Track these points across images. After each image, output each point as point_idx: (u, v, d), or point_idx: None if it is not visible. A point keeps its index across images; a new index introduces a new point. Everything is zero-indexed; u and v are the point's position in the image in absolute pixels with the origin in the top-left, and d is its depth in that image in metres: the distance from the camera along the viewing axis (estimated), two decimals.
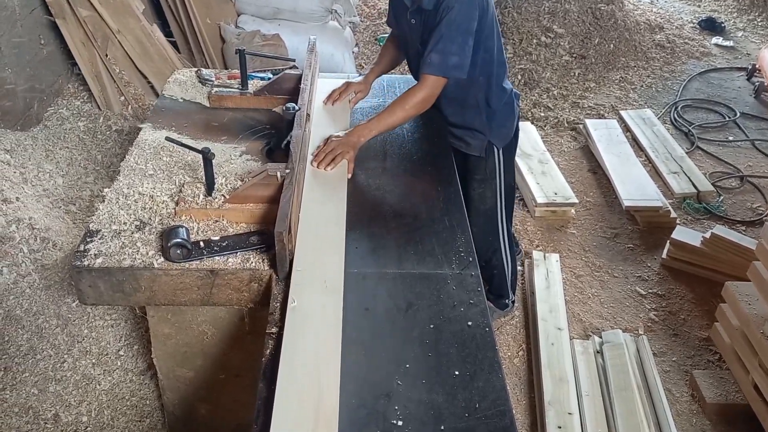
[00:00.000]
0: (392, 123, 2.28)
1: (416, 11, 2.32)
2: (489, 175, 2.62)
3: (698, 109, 4.99)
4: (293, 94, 2.45)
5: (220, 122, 2.40)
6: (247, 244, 1.82)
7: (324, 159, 2.14)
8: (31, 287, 2.34)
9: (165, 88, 2.58)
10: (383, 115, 2.27)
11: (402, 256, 1.85)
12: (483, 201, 2.67)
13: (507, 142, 2.62)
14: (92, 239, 1.80)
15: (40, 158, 3.31)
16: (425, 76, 2.25)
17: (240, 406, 2.12)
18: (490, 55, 2.40)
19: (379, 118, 2.27)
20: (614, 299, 3.22)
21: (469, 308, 1.68)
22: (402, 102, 2.27)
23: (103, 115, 3.95)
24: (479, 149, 2.57)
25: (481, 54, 2.34)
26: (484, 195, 2.66)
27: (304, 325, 1.57)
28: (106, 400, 2.33)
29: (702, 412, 2.66)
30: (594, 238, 3.63)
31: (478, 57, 2.31)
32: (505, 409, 1.41)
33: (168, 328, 1.98)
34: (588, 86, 5.15)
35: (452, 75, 2.25)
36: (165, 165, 2.10)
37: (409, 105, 2.26)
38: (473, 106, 2.50)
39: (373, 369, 1.50)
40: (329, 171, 2.13)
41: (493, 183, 2.65)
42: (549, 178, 3.90)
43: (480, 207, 2.68)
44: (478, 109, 2.50)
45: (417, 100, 2.25)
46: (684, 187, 3.99)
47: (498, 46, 2.42)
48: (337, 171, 2.14)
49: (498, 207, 2.70)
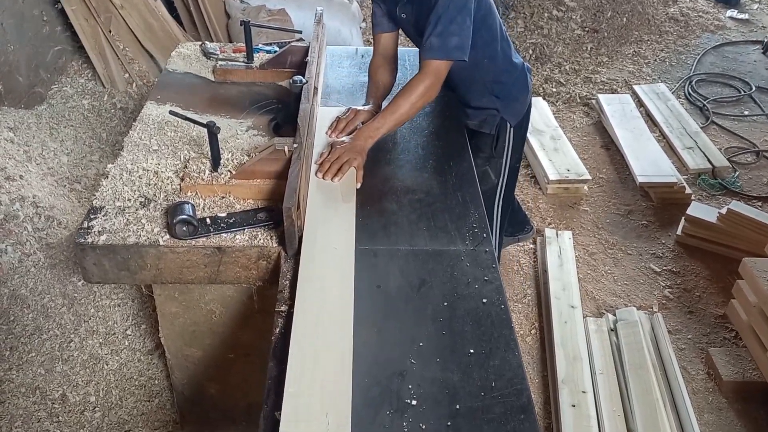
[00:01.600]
0: (400, 119, 2.10)
1: (407, 3, 2.19)
2: (496, 154, 2.48)
3: (713, 84, 4.89)
4: (300, 67, 2.39)
5: (226, 96, 2.34)
6: (255, 220, 1.78)
7: (330, 169, 1.94)
8: (36, 266, 2.31)
9: (169, 62, 2.52)
10: (389, 112, 2.09)
11: (414, 233, 1.80)
12: (484, 181, 2.46)
13: (520, 119, 2.50)
14: (96, 216, 1.76)
15: (45, 136, 3.26)
16: (427, 63, 2.09)
17: (250, 385, 2.09)
18: (493, 34, 2.26)
19: (385, 115, 2.09)
20: (628, 277, 3.16)
21: (483, 285, 1.63)
22: (407, 94, 2.09)
23: (107, 92, 3.89)
24: (490, 126, 2.44)
25: (482, 33, 2.20)
26: (486, 174, 2.50)
27: (316, 304, 1.53)
28: (114, 380, 2.31)
29: (718, 390, 2.61)
30: (607, 215, 3.56)
31: (478, 37, 2.16)
32: (522, 387, 1.37)
33: (175, 307, 1.94)
34: (600, 61, 5.05)
35: (454, 57, 2.09)
36: (169, 140, 2.05)
37: (415, 96, 2.08)
38: (481, 88, 2.38)
39: (385, 347, 1.46)
40: (336, 182, 1.93)
41: (499, 162, 2.51)
42: (561, 154, 3.84)
43: (480, 187, 2.54)
44: (486, 90, 2.38)
45: (422, 89, 2.09)
46: (699, 163, 3.92)
47: (498, 22, 2.29)
48: (345, 180, 1.94)
49: (498, 189, 2.56)
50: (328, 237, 1.73)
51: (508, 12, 5.27)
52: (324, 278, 1.60)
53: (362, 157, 1.99)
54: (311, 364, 1.38)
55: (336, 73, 2.59)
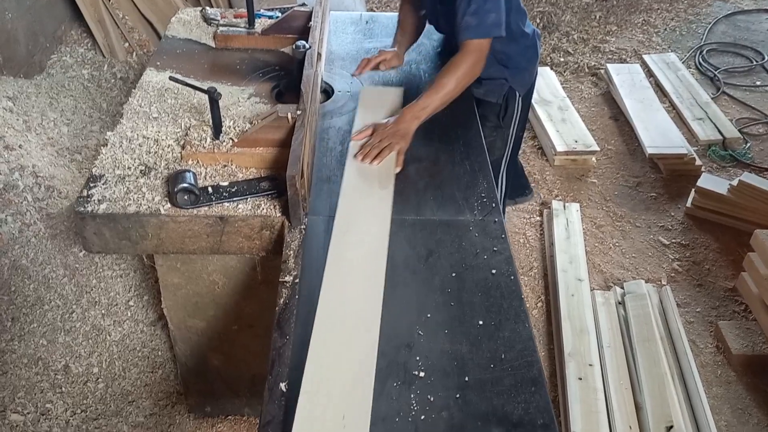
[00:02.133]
0: (446, 97, 1.99)
1: None
2: (504, 124, 2.41)
3: (724, 53, 4.79)
4: (303, 32, 2.33)
5: (227, 63, 2.28)
6: (258, 189, 1.73)
7: (369, 152, 1.86)
8: (36, 236, 2.27)
9: (168, 28, 2.46)
10: (433, 90, 1.98)
11: (421, 203, 1.76)
12: (492, 151, 2.36)
13: (528, 87, 2.44)
14: (95, 184, 1.72)
15: (44, 106, 3.21)
16: (466, 43, 2.00)
17: (254, 356, 2.07)
18: (508, 5, 2.14)
19: (430, 94, 1.98)
20: (636, 249, 3.12)
21: (492, 256, 1.59)
22: (451, 72, 1.99)
23: (107, 62, 3.83)
24: (497, 95, 2.35)
25: None
26: (493, 144, 2.42)
27: (344, 278, 1.49)
28: (117, 351, 2.29)
29: (727, 363, 2.58)
30: (615, 187, 3.51)
31: None
32: (533, 360, 1.33)
33: (178, 278, 1.91)
34: (609, 30, 4.95)
35: (494, 34, 2.01)
36: (170, 107, 2.00)
37: (461, 74, 1.99)
38: (489, 58, 2.23)
39: (392, 318, 1.42)
40: (375, 165, 1.85)
41: (506, 132, 2.43)
42: (569, 125, 3.77)
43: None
44: (494, 60, 2.27)
45: (466, 68, 2.00)
46: (709, 134, 3.85)
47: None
48: (384, 163, 1.86)
49: (504, 159, 2.51)
50: (362, 224, 1.66)
51: None
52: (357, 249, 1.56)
53: (406, 141, 1.90)
54: (336, 343, 1.34)
55: (340, 40, 2.53)
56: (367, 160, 1.85)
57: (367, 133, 1.95)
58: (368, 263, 1.55)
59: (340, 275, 1.51)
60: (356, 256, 1.57)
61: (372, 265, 1.54)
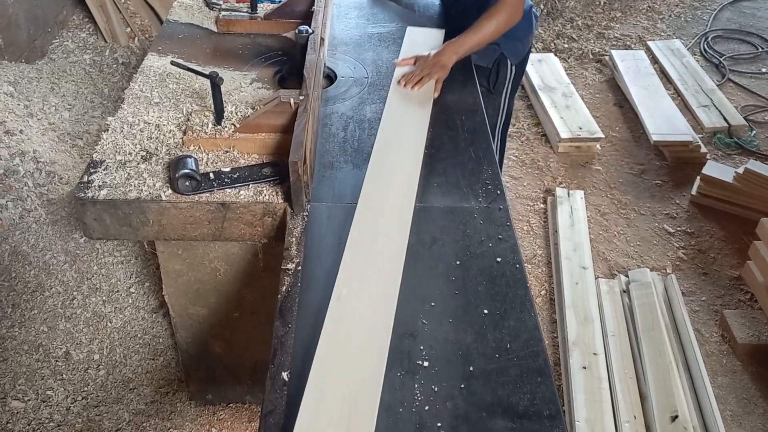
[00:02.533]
0: (483, 39, 2.13)
1: None
2: (495, 90, 2.46)
3: (730, 40, 4.75)
4: (305, 17, 2.29)
5: (229, 48, 2.25)
6: (260, 175, 1.71)
7: (412, 79, 2.07)
8: (37, 222, 2.26)
9: (170, 12, 2.43)
10: (472, 31, 2.12)
11: (425, 189, 1.73)
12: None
13: (521, 58, 2.45)
14: (96, 170, 1.70)
15: (46, 91, 3.18)
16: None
17: (255, 344, 2.06)
18: None
19: (469, 35, 2.12)
20: (641, 237, 3.10)
21: (497, 243, 1.57)
22: (491, 17, 2.11)
23: (109, 47, 3.79)
24: (488, 60, 2.39)
25: None
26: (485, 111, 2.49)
27: (361, 266, 1.47)
28: (118, 337, 2.27)
29: (732, 352, 2.57)
30: (620, 174, 3.48)
31: None
32: (538, 349, 1.32)
33: (179, 265, 1.90)
34: (614, 16, 4.91)
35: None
36: (171, 92, 1.97)
37: (501, 19, 2.11)
38: None
39: (397, 307, 1.40)
40: (416, 90, 2.07)
41: (497, 100, 2.48)
42: (573, 112, 3.74)
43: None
44: None
45: (505, 15, 2.12)
46: (714, 121, 3.82)
47: None
48: (424, 89, 2.08)
49: (497, 128, 2.55)
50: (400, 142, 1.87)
51: None
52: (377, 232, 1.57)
53: (444, 72, 2.09)
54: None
55: (343, 24, 2.50)
56: (410, 85, 2.07)
57: (410, 62, 2.17)
58: (390, 243, 1.54)
59: (359, 259, 1.49)
60: (383, 224, 1.60)
61: (393, 247, 1.53)
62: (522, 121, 3.86)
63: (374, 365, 1.25)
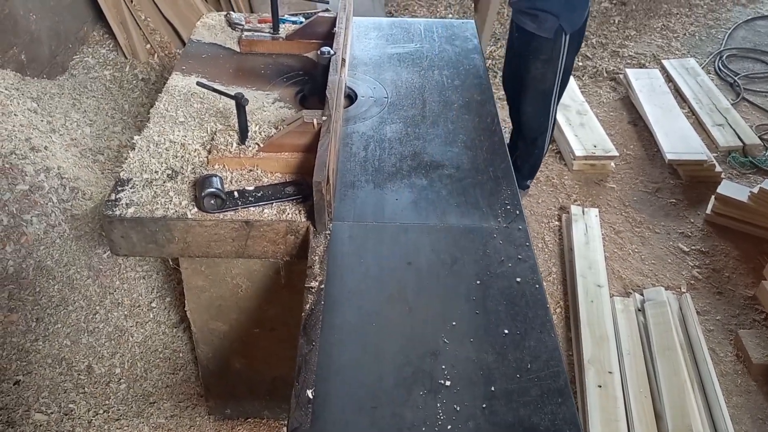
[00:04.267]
0: None
1: None
2: (554, 57, 2.75)
3: (744, 59, 4.77)
4: (327, 38, 2.34)
5: (251, 68, 2.30)
6: (283, 194, 1.74)
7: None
8: (61, 237, 2.30)
9: (194, 32, 2.48)
10: None
11: (445, 209, 1.76)
12: (543, 81, 2.83)
13: (576, 29, 2.74)
14: (123, 188, 1.74)
15: (67, 107, 3.24)
16: None
17: (275, 360, 2.08)
18: None
19: None
20: (655, 256, 3.11)
21: (517, 264, 1.59)
22: None
23: (129, 63, 3.85)
24: (549, 31, 2.68)
25: None
26: (545, 75, 2.81)
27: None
28: (139, 352, 2.31)
29: (747, 372, 2.57)
30: (634, 193, 3.50)
31: None
32: (559, 370, 1.34)
33: (202, 281, 1.93)
34: (628, 34, 4.94)
35: None
36: (196, 112, 2.02)
37: None
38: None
39: (417, 326, 1.43)
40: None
41: (556, 64, 2.77)
42: (588, 129, 3.76)
43: (539, 86, 2.86)
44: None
45: None
46: (729, 140, 3.83)
47: None
48: None
49: (554, 88, 2.86)
50: None
51: None
52: None
53: None
54: None
55: (363, 45, 2.54)
56: None
57: None
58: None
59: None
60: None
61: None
62: None
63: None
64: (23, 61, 3.30)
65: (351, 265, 1.58)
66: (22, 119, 2.61)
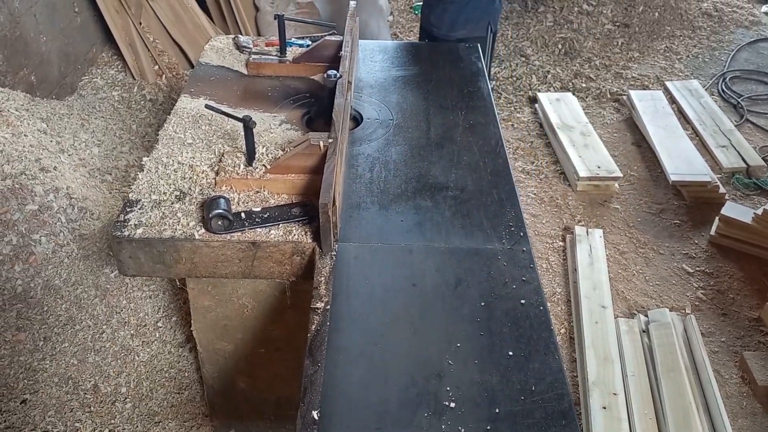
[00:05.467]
0: None
1: None
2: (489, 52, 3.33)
3: (748, 81, 4.80)
4: (333, 61, 2.37)
5: (259, 90, 2.33)
6: (290, 215, 1.76)
7: None
8: (69, 257, 2.32)
9: (202, 55, 2.52)
10: None
11: (449, 230, 1.78)
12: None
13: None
14: (132, 209, 1.76)
15: (76, 127, 3.28)
16: None
17: (280, 380, 2.09)
18: None
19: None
20: (660, 277, 3.11)
21: (521, 285, 1.60)
22: None
23: (137, 84, 3.91)
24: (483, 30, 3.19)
25: None
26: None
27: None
28: (145, 371, 2.32)
29: (753, 394, 2.56)
30: (638, 214, 3.51)
31: None
32: (563, 392, 1.34)
33: (208, 301, 1.94)
34: (631, 56, 4.98)
35: None
36: (204, 134, 2.05)
37: None
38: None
39: (422, 347, 1.44)
40: None
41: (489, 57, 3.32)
42: (591, 150, 3.79)
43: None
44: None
45: None
46: (733, 162, 3.84)
47: None
48: None
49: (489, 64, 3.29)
50: None
51: (537, 6, 5.21)
52: None
53: None
54: None
55: (368, 68, 2.57)
56: None
57: None
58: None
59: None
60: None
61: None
62: (540, 159, 3.91)
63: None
64: (33, 82, 3.35)
65: (356, 287, 1.60)
66: (32, 139, 2.65)
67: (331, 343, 1.45)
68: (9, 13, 3.14)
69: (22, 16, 3.24)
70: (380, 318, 1.52)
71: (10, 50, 3.16)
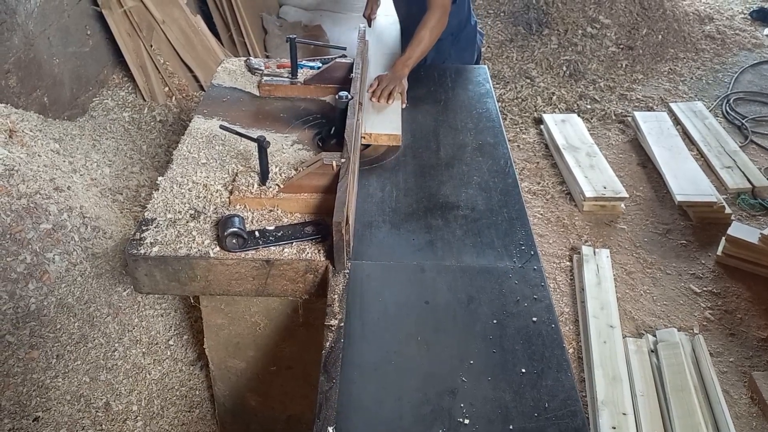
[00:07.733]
0: (425, 48, 2.54)
1: None
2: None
3: (751, 102, 4.83)
4: (343, 82, 2.41)
5: (270, 111, 2.37)
6: (303, 234, 1.79)
7: (382, 94, 2.43)
8: (82, 275, 2.34)
9: (214, 76, 2.56)
10: (414, 45, 2.52)
11: (461, 249, 1.80)
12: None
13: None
14: (147, 228, 1.79)
15: (88, 148, 3.32)
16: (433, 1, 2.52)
17: (291, 398, 2.10)
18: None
19: (412, 47, 2.52)
20: (667, 297, 3.12)
21: (533, 303, 1.62)
22: (423, 28, 2.51)
23: (147, 105, 3.95)
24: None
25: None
26: None
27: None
28: (156, 389, 2.33)
29: (762, 415, 2.56)
30: (645, 234, 3.53)
31: None
32: (576, 409, 1.36)
33: (221, 319, 1.96)
34: (636, 78, 5.03)
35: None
36: (218, 154, 2.08)
37: (431, 27, 2.52)
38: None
39: (435, 364, 1.46)
40: (390, 103, 2.42)
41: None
42: (597, 171, 3.81)
43: None
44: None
45: (435, 21, 2.52)
46: (738, 182, 3.87)
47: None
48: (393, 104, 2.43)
49: None
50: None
51: (541, 29, 5.27)
52: None
53: (402, 84, 2.47)
54: None
55: None
56: (382, 100, 2.43)
57: (374, 85, 2.47)
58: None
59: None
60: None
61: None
62: (546, 179, 3.94)
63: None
64: (46, 103, 3.40)
65: (369, 304, 1.62)
66: (45, 159, 2.68)
67: (345, 359, 1.46)
68: (24, 36, 3.20)
69: (36, 39, 3.30)
70: (393, 335, 1.53)
71: (24, 72, 3.21)
